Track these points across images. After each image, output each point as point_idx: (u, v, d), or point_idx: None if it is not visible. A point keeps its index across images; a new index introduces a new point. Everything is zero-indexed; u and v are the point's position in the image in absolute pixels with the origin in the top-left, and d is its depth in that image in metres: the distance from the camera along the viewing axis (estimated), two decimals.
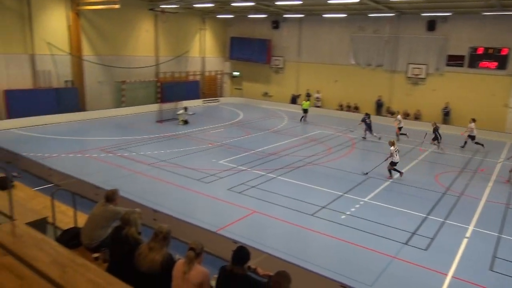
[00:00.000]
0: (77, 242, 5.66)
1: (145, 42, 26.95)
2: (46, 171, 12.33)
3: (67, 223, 6.43)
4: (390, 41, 25.92)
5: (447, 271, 8.04)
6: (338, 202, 11.55)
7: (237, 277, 4.39)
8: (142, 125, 21.61)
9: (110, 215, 5.62)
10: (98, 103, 24.43)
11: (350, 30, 27.56)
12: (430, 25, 24.36)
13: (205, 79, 32.64)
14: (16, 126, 19.26)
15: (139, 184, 12.29)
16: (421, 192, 12.82)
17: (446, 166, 16.11)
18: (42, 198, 7.58)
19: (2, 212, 5.92)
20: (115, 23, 24.64)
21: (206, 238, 8.00)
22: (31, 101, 20.52)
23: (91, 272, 4.36)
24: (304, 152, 17.06)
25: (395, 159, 13.79)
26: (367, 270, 7.98)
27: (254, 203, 11.11)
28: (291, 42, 30.54)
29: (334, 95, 28.83)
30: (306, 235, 9.52)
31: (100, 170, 13.47)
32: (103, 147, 16.46)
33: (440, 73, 24.70)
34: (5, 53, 19.80)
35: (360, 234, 9.52)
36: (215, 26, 32.56)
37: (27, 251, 4.68)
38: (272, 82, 32.37)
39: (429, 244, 9.21)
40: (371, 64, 27.13)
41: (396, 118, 21.38)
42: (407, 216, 10.80)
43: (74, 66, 22.83)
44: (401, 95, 26.29)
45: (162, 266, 4.43)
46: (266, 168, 14.45)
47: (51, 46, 21.21)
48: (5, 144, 14.76)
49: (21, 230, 5.24)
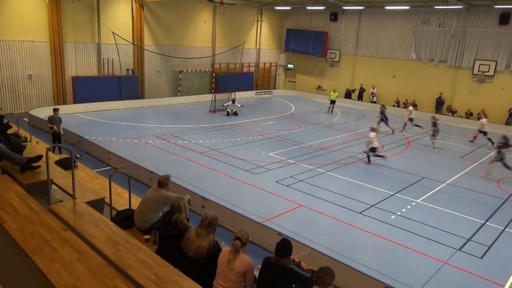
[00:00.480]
0: (130, 223, 5.95)
1: (202, 33, 27.54)
2: (105, 154, 13.10)
3: (122, 204, 6.80)
4: (457, 35, 24.39)
5: (504, 283, 7.55)
6: (389, 201, 11.19)
7: (280, 269, 4.42)
8: (196, 115, 22.19)
9: (162, 199, 5.86)
10: (156, 92, 25.49)
11: (413, 23, 26.30)
12: (503, 18, 22.59)
13: (259, 71, 32.78)
14: (81, 111, 20.58)
15: (190, 171, 12.68)
16: (480, 197, 12.07)
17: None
18: (101, 179, 8.05)
19: (65, 190, 6.38)
20: (175, 14, 25.40)
21: (252, 228, 8.10)
22: (95, 87, 21.82)
23: (141, 252, 4.61)
24: (356, 149, 16.65)
25: (375, 144, 14.35)
26: (415, 274, 7.69)
27: (301, 197, 11.07)
28: (348, 35, 29.76)
29: (391, 91, 27.75)
30: (353, 233, 9.35)
31: (155, 156, 14.06)
32: (158, 134, 17.15)
33: (511, 70, 22.92)
34: (75, 41, 21.17)
35: (410, 236, 9.18)
36: (272, 18, 32.49)
37: (85, 228, 5.04)
38: (326, 76, 31.81)
39: (486, 252, 8.68)
40: (433, 60, 25.76)
41: (408, 109, 21.36)
42: (463, 221, 10.24)
43: (136, 55, 23.91)
44: (465, 93, 24.75)
45: (208, 253, 4.56)
46: (316, 163, 14.31)
47: (116, 36, 22.33)
48: (71, 127, 15.82)
49: (81, 208, 5.64)
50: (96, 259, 4.28)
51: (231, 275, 4.35)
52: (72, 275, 3.96)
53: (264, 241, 8.03)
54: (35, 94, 20.32)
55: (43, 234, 4.65)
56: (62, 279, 3.90)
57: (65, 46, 20.73)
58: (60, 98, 20.91)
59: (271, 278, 4.47)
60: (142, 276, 4.11)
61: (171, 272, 4.26)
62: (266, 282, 4.53)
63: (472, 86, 24.50)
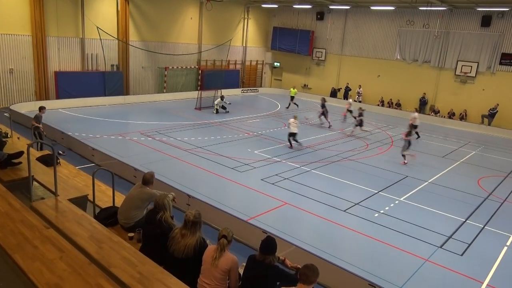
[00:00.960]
0: (114, 221, 5.90)
1: (188, 29, 27.34)
2: (89, 151, 12.92)
3: (106, 202, 6.73)
4: (440, 36, 24.80)
5: (482, 279, 7.73)
6: (372, 199, 11.33)
7: (265, 266, 4.45)
8: (181, 112, 22.05)
9: (146, 197, 5.82)
10: (141, 88, 25.22)
11: (398, 23, 26.63)
12: (484, 20, 23.09)
13: (246, 69, 32.74)
14: (64, 107, 20.21)
15: (175, 169, 12.61)
16: (461, 195, 12.32)
17: (490, 170, 15.37)
18: (84, 176, 7.95)
19: (47, 187, 6.27)
20: (161, 10, 25.15)
21: (237, 226, 8.11)
22: (79, 83, 21.46)
23: (125, 250, 4.56)
24: (341, 147, 16.80)
25: (292, 130, 15.60)
26: (398, 271, 7.82)
27: (287, 195, 11.12)
28: (334, 34, 29.95)
29: (375, 91, 28.07)
30: (337, 230, 9.44)
31: (139, 153, 13.92)
32: (143, 130, 16.98)
33: (492, 72, 23.42)
34: (58, 36, 20.76)
35: (393, 234, 9.32)
36: (259, 16, 32.46)
37: (68, 226, 4.96)
38: (312, 75, 31.96)
39: (466, 249, 8.87)
40: (417, 60, 26.15)
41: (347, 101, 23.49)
42: (444, 219, 10.44)
43: (121, 50, 23.60)
44: (447, 94, 25.19)
45: (195, 250, 4.55)
46: (301, 161, 14.38)
47: (100, 30, 21.99)
48: (53, 123, 15.53)
49: (64, 205, 5.55)
50: (78, 257, 4.22)
51: (216, 273, 4.35)
52: (53, 274, 3.90)
53: (248, 239, 8.04)
54: (16, 89, 19.87)
55: (24, 231, 4.56)
56: (43, 277, 3.83)
57: (48, 41, 20.31)
58: (43, 94, 20.50)
59: (256, 276, 4.49)
60: (126, 274, 4.07)
61: (155, 270, 4.24)
62: (251, 280, 4.54)
63: (454, 87, 24.96)
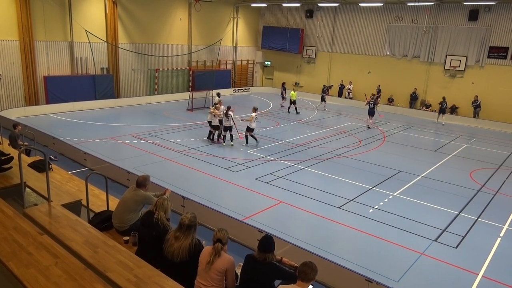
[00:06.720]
0: (108, 225, 5.86)
1: (178, 30, 27.22)
2: (81, 155, 12.82)
3: (100, 206, 6.67)
4: (429, 31, 24.99)
5: (477, 271, 7.80)
6: (367, 195, 11.38)
7: (264, 265, 4.45)
8: (173, 113, 21.96)
9: (140, 199, 5.78)
10: (132, 90, 25.06)
11: (387, 19, 26.76)
12: (472, 14, 23.27)
13: (237, 68, 32.69)
14: (54, 111, 20.03)
15: (169, 171, 12.55)
16: (454, 188, 12.43)
17: (482, 162, 15.53)
18: (77, 181, 7.87)
19: (39, 193, 6.21)
20: (150, 12, 25.00)
21: (232, 226, 8.10)
22: (69, 87, 21.26)
23: (121, 253, 4.54)
24: (334, 144, 16.86)
25: (252, 125, 15.48)
26: (394, 266, 7.86)
27: (281, 194, 11.13)
28: (324, 31, 30.02)
29: (366, 87, 28.15)
30: (333, 227, 9.47)
31: (132, 155, 13.84)
32: (135, 133, 16.89)
33: (480, 65, 23.66)
34: (46, 40, 20.55)
35: (388, 229, 9.37)
36: (248, 15, 32.43)
37: (62, 231, 4.92)
38: (303, 72, 32.02)
39: (460, 242, 8.96)
40: (407, 55, 26.30)
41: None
42: (438, 212, 10.52)
43: (110, 53, 23.42)
44: (437, 88, 25.37)
45: (190, 252, 4.52)
46: (295, 159, 14.40)
47: (89, 34, 21.81)
48: (44, 128, 15.39)
49: (57, 211, 5.50)
50: (74, 263, 4.19)
51: (212, 274, 4.34)
52: (49, 280, 3.86)
53: (244, 239, 8.04)
54: (5, 95, 19.62)
55: (18, 239, 4.52)
56: (39, 284, 3.80)
57: (36, 45, 20.09)
58: (32, 99, 20.27)
59: (256, 274, 4.49)
60: (122, 278, 4.05)
61: (151, 273, 4.22)
62: (250, 279, 4.54)
63: (444, 81, 25.16)
